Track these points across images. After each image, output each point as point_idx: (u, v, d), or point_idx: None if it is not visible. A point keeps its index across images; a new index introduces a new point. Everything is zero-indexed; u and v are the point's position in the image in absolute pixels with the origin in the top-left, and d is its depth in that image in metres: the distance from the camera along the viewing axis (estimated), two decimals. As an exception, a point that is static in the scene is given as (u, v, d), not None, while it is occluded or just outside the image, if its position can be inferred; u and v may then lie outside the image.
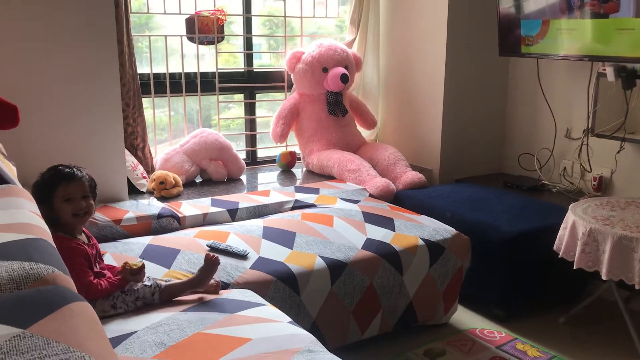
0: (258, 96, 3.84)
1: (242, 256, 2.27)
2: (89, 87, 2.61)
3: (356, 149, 3.72)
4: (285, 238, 2.45)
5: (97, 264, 1.85)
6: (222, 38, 3.56)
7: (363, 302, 2.37)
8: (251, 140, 3.85)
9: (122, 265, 1.85)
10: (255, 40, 3.78)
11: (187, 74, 3.49)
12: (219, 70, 3.56)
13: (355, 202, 2.97)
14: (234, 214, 2.77)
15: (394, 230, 2.59)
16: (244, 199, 2.91)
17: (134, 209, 2.64)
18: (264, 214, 2.83)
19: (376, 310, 2.43)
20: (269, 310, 1.86)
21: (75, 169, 1.81)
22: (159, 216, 2.60)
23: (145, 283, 1.86)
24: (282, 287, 2.17)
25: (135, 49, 3.13)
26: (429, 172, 3.71)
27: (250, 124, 3.83)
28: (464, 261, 2.63)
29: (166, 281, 1.96)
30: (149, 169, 3.32)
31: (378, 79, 4.00)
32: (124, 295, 1.81)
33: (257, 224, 2.60)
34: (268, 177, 3.57)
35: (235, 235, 2.46)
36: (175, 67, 3.46)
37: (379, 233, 2.56)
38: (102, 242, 2.41)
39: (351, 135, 3.75)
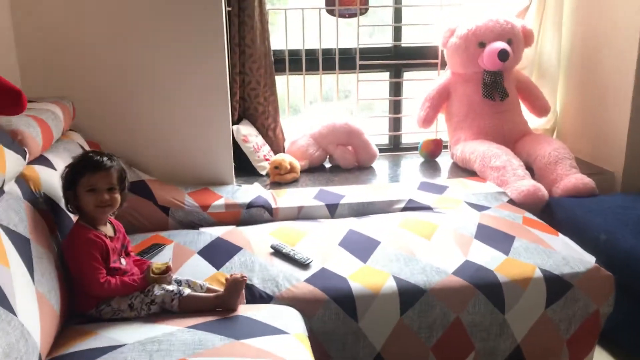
0: (406, 75, 3.43)
1: (304, 265, 1.98)
2: (194, 66, 2.51)
3: (515, 141, 3.11)
4: (364, 248, 2.09)
5: (121, 259, 1.74)
6: (366, 10, 3.22)
7: (447, 338, 1.92)
8: (394, 124, 3.47)
9: (147, 266, 1.72)
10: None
11: (326, 50, 3.23)
12: (360, 46, 3.23)
13: (483, 208, 2.45)
14: (333, 209, 2.48)
15: (507, 254, 2.06)
16: (353, 193, 2.59)
17: (228, 195, 2.50)
18: (367, 212, 2.49)
19: (467, 350, 1.96)
20: (287, 342, 1.57)
21: (105, 158, 1.69)
22: (249, 206, 2.43)
23: (168, 288, 1.69)
24: (336, 310, 1.84)
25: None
26: (610, 175, 2.95)
27: (395, 106, 3.44)
28: (601, 305, 1.99)
29: (200, 286, 1.78)
30: (280, 151, 3.18)
31: (558, 56, 3.28)
32: (143, 295, 1.67)
33: (346, 225, 2.28)
34: (406, 167, 3.18)
35: (312, 236, 2.18)
36: (312, 43, 3.23)
37: (484, 255, 2.05)
38: (187, 228, 2.34)
39: (510, 123, 3.14)
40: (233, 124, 3.01)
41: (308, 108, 3.30)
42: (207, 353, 1.46)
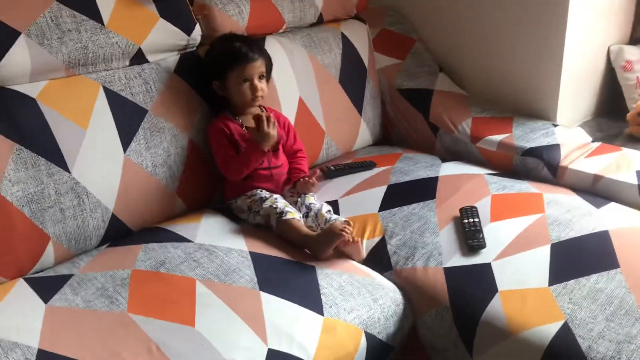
0: None
1: (470, 246, 1.37)
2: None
3: None
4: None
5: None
6: None
7: None
8: None
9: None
10: None
11: None
12: None
13: None
14: (647, 195, 1.56)
15: None
16: None
17: (520, 132, 1.86)
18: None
19: None
20: (313, 326, 1.19)
21: (255, 48, 1.58)
22: (526, 153, 1.78)
23: (277, 203, 1.50)
24: (448, 324, 1.25)
25: None
26: None
27: None
28: None
29: (326, 220, 1.50)
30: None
31: None
32: (262, 201, 1.53)
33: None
34: None
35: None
36: None
37: None
38: (453, 158, 1.93)
39: None
40: (630, 43, 2.17)
41: None
42: (218, 288, 1.25)
